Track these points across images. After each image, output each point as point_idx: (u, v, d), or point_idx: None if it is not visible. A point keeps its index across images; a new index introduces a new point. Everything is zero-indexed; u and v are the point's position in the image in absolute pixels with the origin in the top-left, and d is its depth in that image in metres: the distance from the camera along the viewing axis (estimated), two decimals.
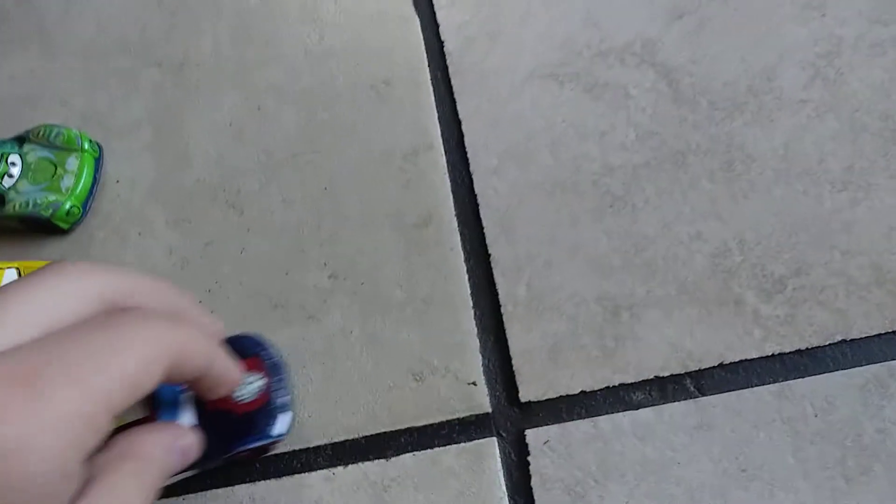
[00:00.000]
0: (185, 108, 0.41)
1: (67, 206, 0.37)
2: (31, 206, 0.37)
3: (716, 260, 0.33)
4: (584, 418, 0.31)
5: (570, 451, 0.30)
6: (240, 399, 0.29)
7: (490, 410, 0.32)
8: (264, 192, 0.38)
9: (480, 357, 0.33)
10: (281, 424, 0.29)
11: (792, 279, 0.32)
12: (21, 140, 0.39)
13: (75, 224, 0.39)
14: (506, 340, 0.33)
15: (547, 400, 0.31)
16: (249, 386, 0.30)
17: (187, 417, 0.28)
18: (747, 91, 0.36)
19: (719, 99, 0.36)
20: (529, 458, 0.31)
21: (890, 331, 0.31)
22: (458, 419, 0.32)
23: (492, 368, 0.33)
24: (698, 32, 0.38)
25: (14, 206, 0.37)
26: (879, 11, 0.37)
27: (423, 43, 0.40)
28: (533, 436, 0.31)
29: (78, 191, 0.38)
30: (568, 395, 0.31)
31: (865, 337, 0.31)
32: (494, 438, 0.31)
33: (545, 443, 0.31)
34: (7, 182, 0.38)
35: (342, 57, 0.41)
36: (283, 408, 0.30)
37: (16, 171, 0.38)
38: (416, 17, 0.41)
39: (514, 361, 0.32)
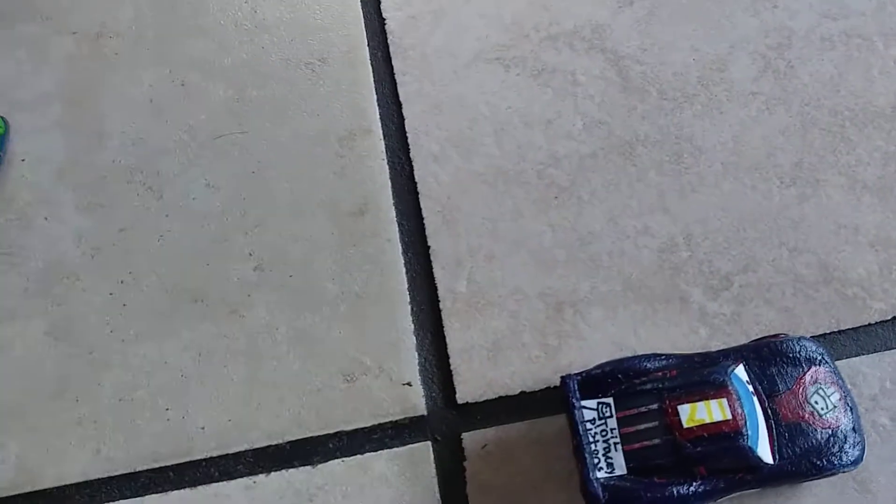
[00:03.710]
0: (100, 82, 0.38)
1: None
2: None
3: (662, 255, 0.32)
4: (524, 420, 0.29)
5: (509, 456, 0.29)
6: (823, 413, 0.26)
7: (425, 413, 0.30)
8: (185, 174, 0.35)
9: (417, 356, 0.31)
10: (859, 449, 0.26)
11: (739, 276, 0.31)
12: None
13: None
14: (444, 338, 0.31)
15: (485, 401, 0.30)
16: (829, 398, 0.26)
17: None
18: (697, 81, 0.35)
19: (669, 89, 0.35)
20: (465, 464, 0.29)
21: (836, 330, 0.30)
22: (391, 422, 0.30)
23: (428, 368, 0.31)
24: (649, 19, 0.36)
25: None
26: (829, 5, 0.36)
27: (363, 19, 0.38)
28: (470, 439, 0.29)
29: None
30: (507, 397, 0.30)
31: (812, 336, 0.30)
32: (429, 443, 0.29)
33: (483, 447, 0.29)
34: None
35: (276, 31, 0.38)
36: (859, 430, 0.26)
37: None
38: None
39: (451, 361, 0.30)
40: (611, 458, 0.26)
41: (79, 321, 0.32)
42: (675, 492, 0.25)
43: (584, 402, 0.26)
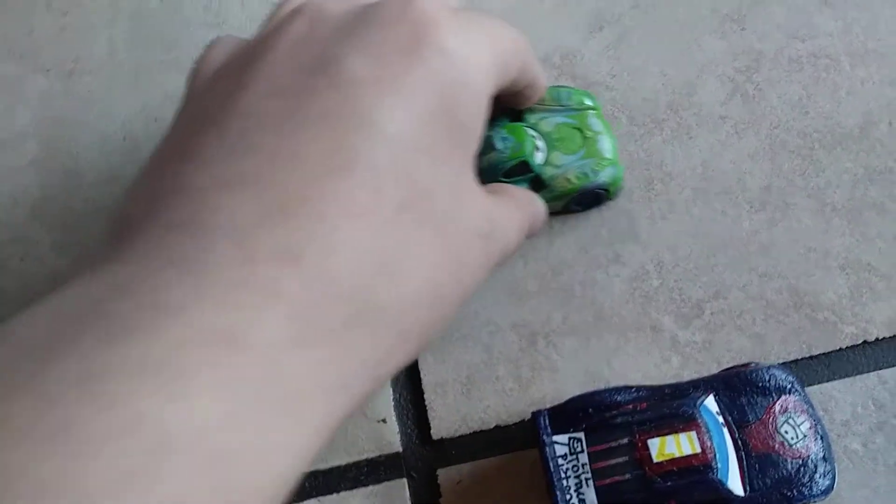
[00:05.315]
0: (75, 119, 0.38)
1: None
2: None
3: (633, 284, 0.32)
4: (499, 455, 0.29)
5: (484, 491, 0.29)
6: (793, 443, 0.26)
7: (401, 449, 0.30)
8: None
9: (391, 392, 0.31)
10: (829, 478, 0.26)
11: (710, 303, 0.31)
12: None
13: None
14: (418, 373, 0.31)
15: (460, 436, 0.30)
16: (799, 428, 0.26)
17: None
18: (667, 107, 0.35)
19: (639, 114, 0.35)
20: (441, 500, 0.29)
21: (807, 356, 0.30)
22: (366, 460, 0.30)
23: (403, 404, 0.31)
24: (618, 45, 0.36)
25: None
26: (797, 26, 0.36)
27: None
28: (445, 475, 0.29)
29: None
30: (482, 431, 0.30)
31: (783, 363, 0.30)
32: (405, 479, 0.29)
33: (458, 482, 0.29)
34: None
35: None
36: (830, 459, 0.26)
37: None
38: None
39: (426, 396, 0.31)
40: (582, 494, 0.26)
41: None
42: None
43: (555, 438, 0.27)
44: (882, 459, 0.28)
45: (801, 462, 0.26)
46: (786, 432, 0.26)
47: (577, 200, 0.32)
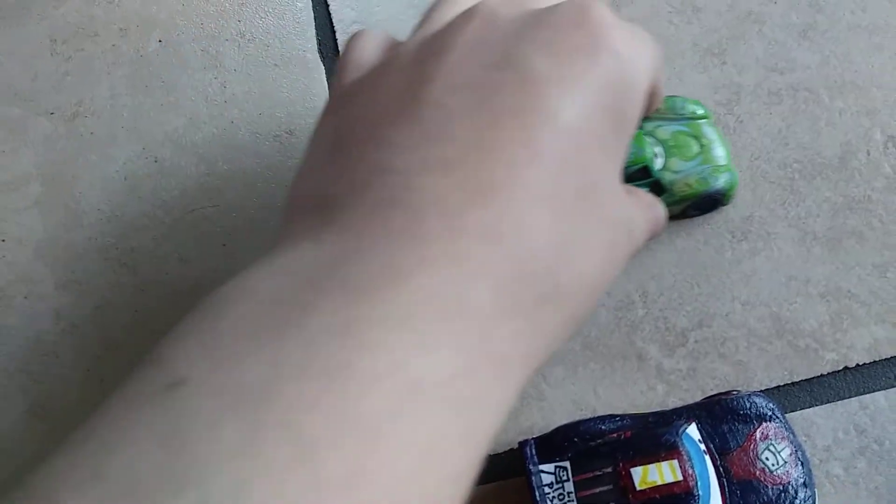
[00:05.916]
0: (77, 161, 0.39)
1: None
2: None
3: (619, 313, 0.32)
4: (490, 483, 0.30)
5: None
6: (774, 469, 0.27)
7: None
8: (159, 249, 0.36)
9: None
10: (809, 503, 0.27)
11: (694, 331, 0.32)
12: None
13: None
14: None
15: None
16: (779, 454, 0.27)
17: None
18: None
19: None
20: None
21: (789, 382, 0.31)
22: None
23: None
24: None
25: None
26: (776, 59, 0.37)
27: (327, 91, 0.39)
28: None
29: None
30: None
31: (766, 389, 0.31)
32: None
33: None
34: None
35: (244, 106, 0.39)
36: (810, 484, 0.27)
37: None
38: (321, 64, 0.40)
39: None
40: None
41: (58, 398, 0.33)
42: None
43: (541, 466, 0.27)
44: (864, 484, 0.29)
45: (781, 488, 0.26)
46: (766, 459, 0.27)
47: (696, 205, 0.32)
